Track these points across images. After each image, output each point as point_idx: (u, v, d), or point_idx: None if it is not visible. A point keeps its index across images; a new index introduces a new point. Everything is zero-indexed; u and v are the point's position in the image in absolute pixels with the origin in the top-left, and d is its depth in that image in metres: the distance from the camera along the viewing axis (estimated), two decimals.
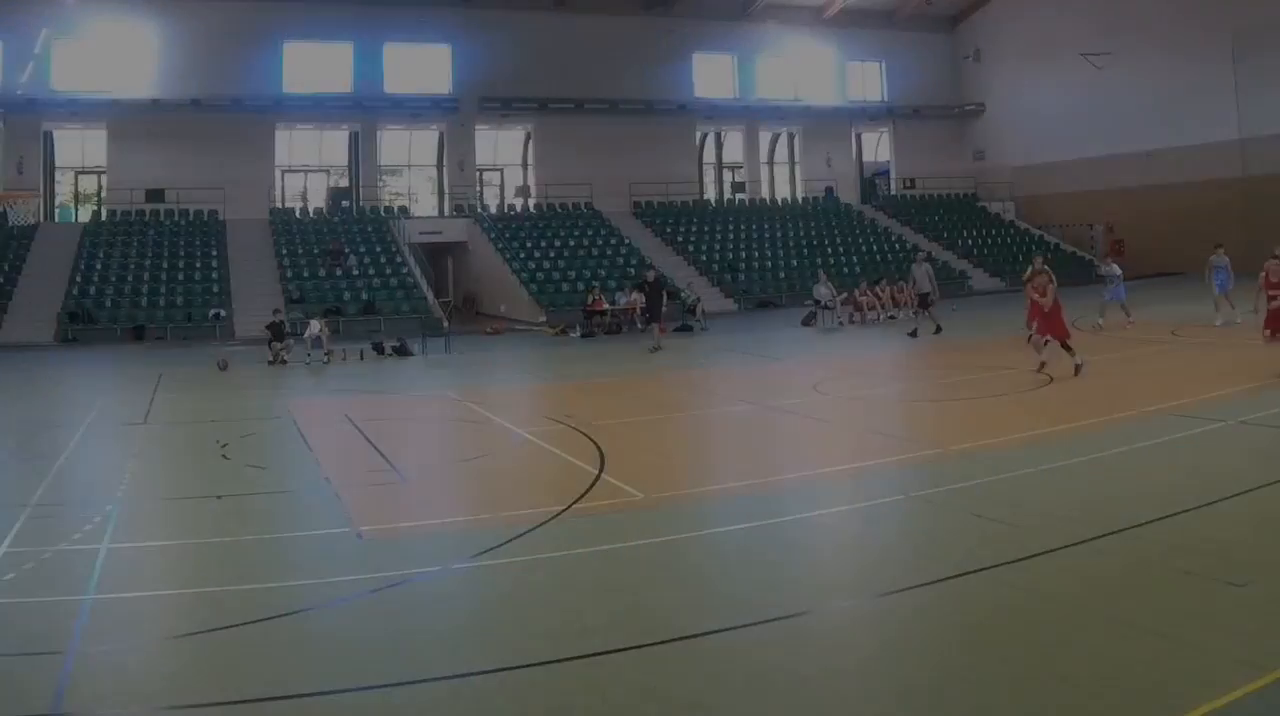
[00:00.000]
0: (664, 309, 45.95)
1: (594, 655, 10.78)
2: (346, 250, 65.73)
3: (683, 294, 59.18)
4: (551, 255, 69.48)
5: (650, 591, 12.84)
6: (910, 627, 11.47)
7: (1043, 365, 28.75)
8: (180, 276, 61.16)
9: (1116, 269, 41.41)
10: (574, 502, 17.09)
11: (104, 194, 72.66)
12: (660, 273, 51.55)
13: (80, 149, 74.00)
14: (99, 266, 61.56)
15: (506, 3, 76.46)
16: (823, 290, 53.95)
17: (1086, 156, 78.75)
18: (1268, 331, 29.38)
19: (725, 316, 59.78)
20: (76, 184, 75.76)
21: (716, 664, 10.59)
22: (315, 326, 43.35)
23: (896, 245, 78.05)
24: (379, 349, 44.71)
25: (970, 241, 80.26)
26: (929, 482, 17.64)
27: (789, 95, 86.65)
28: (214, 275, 62.12)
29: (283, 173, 77.02)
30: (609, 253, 70.78)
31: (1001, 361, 32.71)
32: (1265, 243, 35.37)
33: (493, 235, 71.02)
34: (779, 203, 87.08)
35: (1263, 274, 30.28)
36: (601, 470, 19.53)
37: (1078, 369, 27.52)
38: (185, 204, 69.45)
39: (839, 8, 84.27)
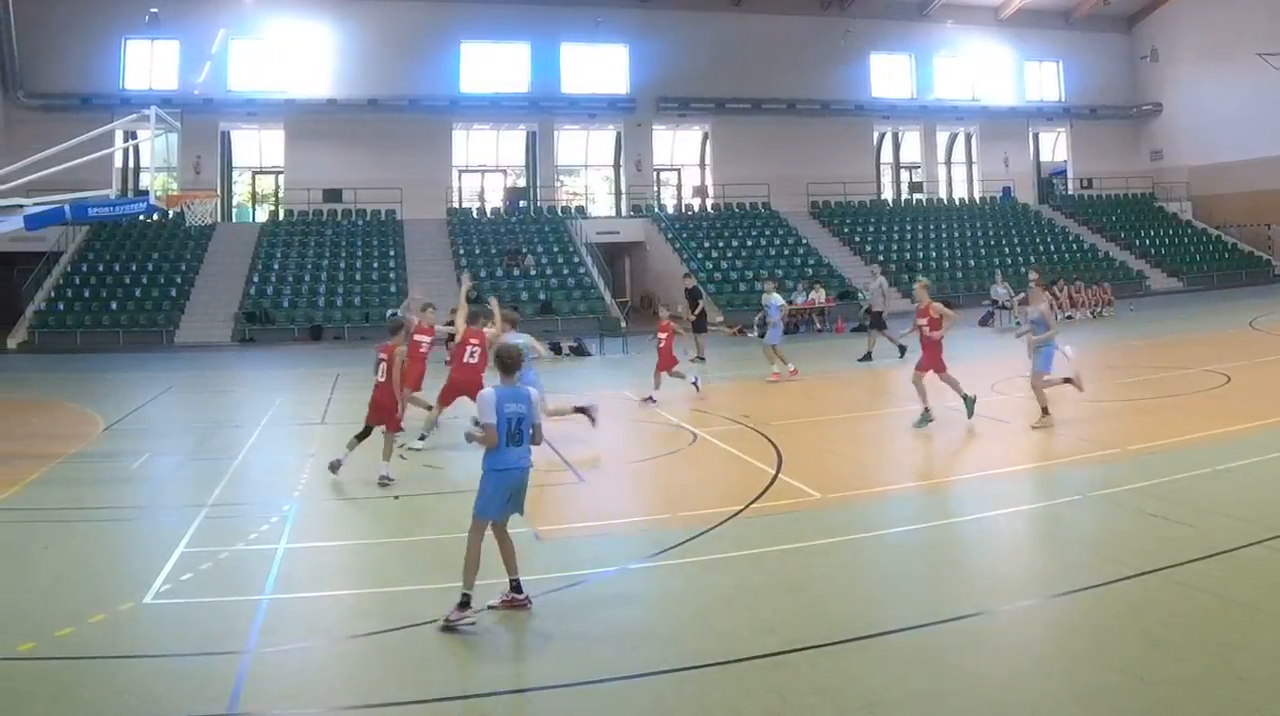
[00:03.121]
0: (692, 317, 42.77)
1: (771, 655, 10.81)
2: (524, 251, 66.03)
3: (860, 295, 58.94)
4: (729, 255, 69.71)
5: (827, 591, 12.89)
6: (1087, 628, 11.42)
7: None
8: (358, 276, 61.87)
9: (777, 299, 36.66)
10: (751, 502, 17.08)
11: (281, 194, 73.92)
12: (698, 281, 50.69)
13: (257, 149, 75.57)
14: (276, 266, 62.66)
15: (684, 2, 76.68)
16: (1000, 290, 53.53)
17: (1264, 156, 77.30)
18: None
19: (902, 316, 59.36)
20: (254, 184, 77.24)
21: (893, 664, 10.62)
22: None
23: (1074, 245, 77.23)
24: (556, 349, 44.87)
25: (1148, 241, 79.40)
26: (1106, 483, 17.51)
27: (966, 95, 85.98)
28: (391, 275, 62.90)
29: (460, 173, 77.85)
30: (786, 253, 70.67)
31: (1177, 362, 32.23)
32: None
33: (670, 235, 71.38)
34: (956, 202, 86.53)
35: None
36: (779, 470, 19.53)
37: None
38: (363, 204, 70.57)
39: (1016, 7, 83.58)
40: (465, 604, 11.85)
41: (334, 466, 20.03)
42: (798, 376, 33.67)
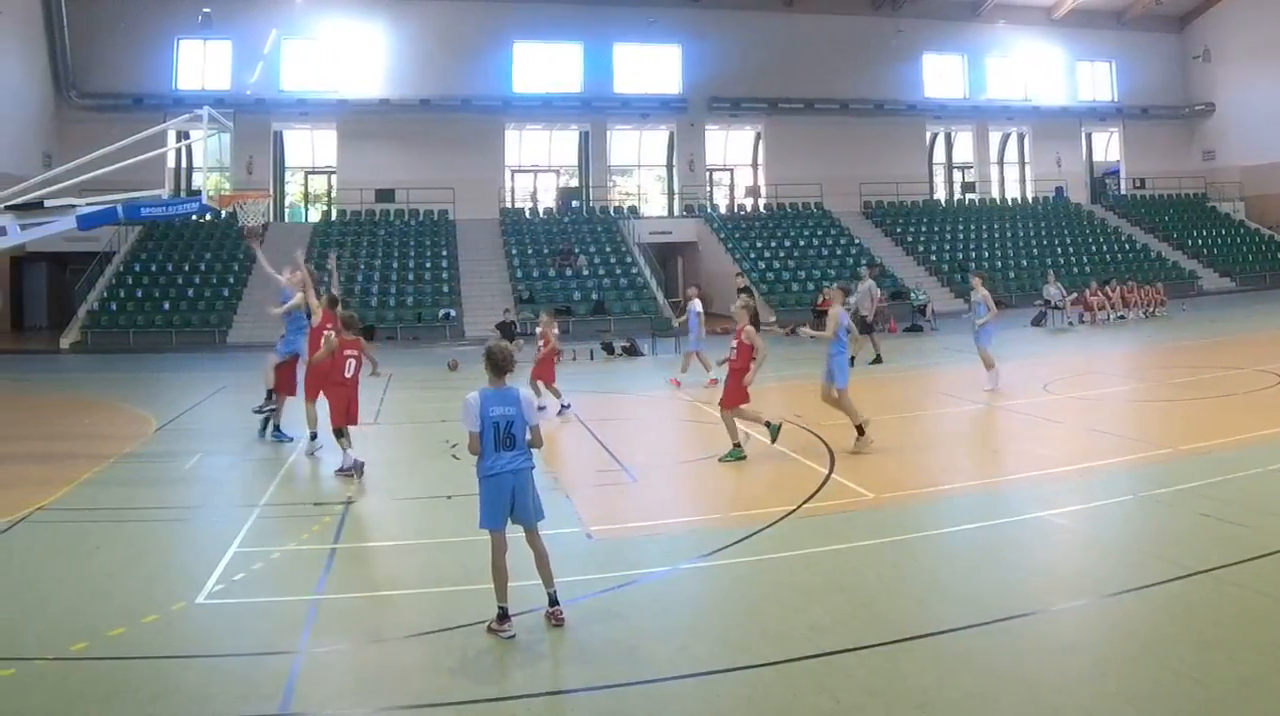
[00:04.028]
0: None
1: (823, 655, 10.79)
2: (576, 250, 66.18)
3: (913, 294, 58.92)
4: (781, 255, 69.72)
5: (879, 591, 12.85)
6: (1139, 628, 11.37)
7: None
8: (410, 276, 61.97)
9: (697, 306, 36.24)
10: (804, 502, 17.04)
11: (334, 194, 74.30)
12: (750, 282, 50.46)
13: (310, 149, 76.07)
14: (329, 267, 62.23)
15: (736, 2, 76.75)
16: (1052, 290, 53.45)
17: None
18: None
19: (955, 316, 59.18)
20: (306, 184, 77.61)
21: (945, 664, 10.58)
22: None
23: (1127, 245, 77.00)
24: (609, 349, 44.97)
25: (1200, 242, 79.07)
26: (1158, 483, 17.42)
27: (1018, 95, 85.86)
28: (444, 275, 63.12)
29: (512, 172, 78.12)
30: (838, 253, 70.57)
31: (1231, 361, 32.09)
32: None
33: (722, 235, 71.45)
34: (1009, 203, 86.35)
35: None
36: (831, 470, 19.51)
37: None
38: (415, 204, 70.95)
39: (1069, 7, 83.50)
40: (502, 616, 11.67)
41: (358, 469, 20.22)
42: (679, 388, 33.46)
